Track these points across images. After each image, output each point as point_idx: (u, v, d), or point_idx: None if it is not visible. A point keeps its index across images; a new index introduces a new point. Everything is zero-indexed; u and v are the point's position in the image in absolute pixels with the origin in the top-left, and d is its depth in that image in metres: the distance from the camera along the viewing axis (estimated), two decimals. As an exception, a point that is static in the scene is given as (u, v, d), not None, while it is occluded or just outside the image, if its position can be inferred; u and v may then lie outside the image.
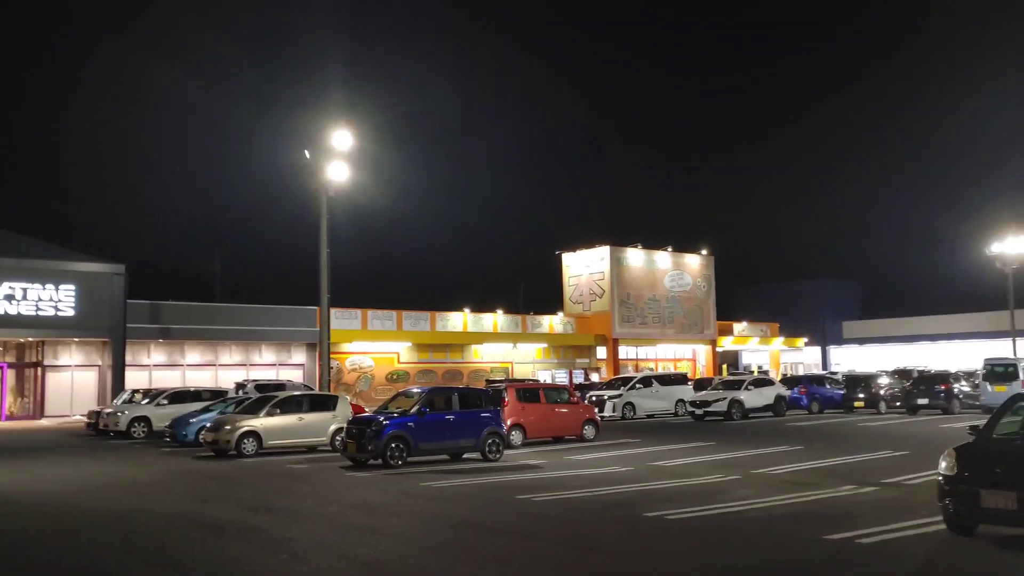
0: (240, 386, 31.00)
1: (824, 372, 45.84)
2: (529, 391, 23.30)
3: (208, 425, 21.66)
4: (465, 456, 18.94)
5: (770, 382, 33.26)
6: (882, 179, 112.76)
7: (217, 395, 28.23)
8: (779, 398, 31.61)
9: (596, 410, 25.40)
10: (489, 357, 47.68)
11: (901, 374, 37.99)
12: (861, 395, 32.30)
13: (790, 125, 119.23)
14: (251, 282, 64.56)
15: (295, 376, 39.74)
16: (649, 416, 33.07)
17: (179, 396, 28.23)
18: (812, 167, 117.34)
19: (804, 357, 67.94)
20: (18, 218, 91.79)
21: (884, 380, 33.34)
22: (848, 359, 66.28)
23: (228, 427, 20.56)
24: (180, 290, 44.08)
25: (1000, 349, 48.83)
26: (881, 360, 60.57)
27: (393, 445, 17.53)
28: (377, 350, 43.95)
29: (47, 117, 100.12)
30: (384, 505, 12.55)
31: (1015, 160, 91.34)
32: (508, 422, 20.72)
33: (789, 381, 34.99)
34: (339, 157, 28.27)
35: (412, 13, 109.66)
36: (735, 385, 31.73)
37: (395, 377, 44.27)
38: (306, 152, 28.40)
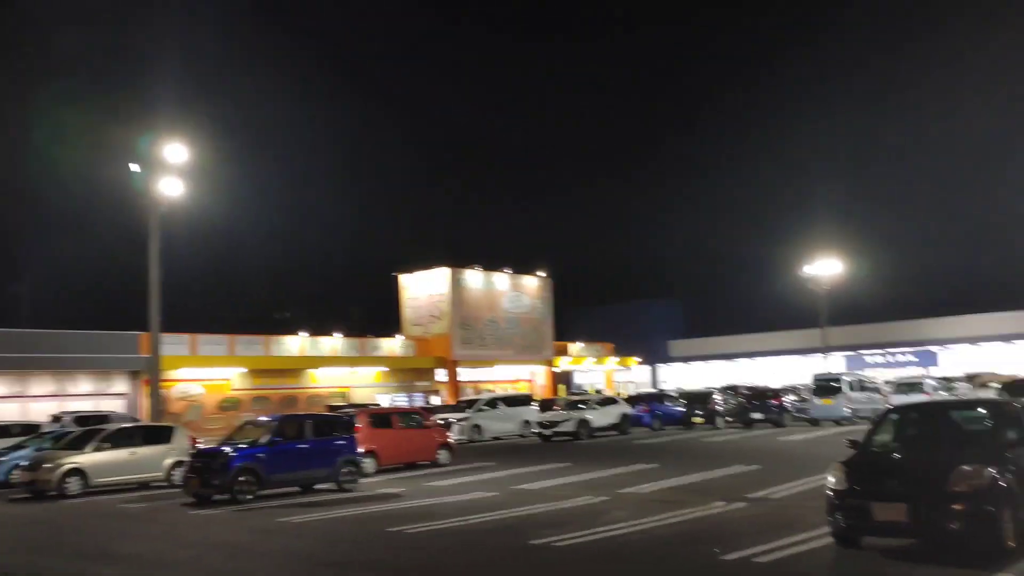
0: (56, 419, 28.35)
1: (664, 390, 47.23)
2: (381, 416, 22.51)
3: (24, 464, 19.53)
4: (316, 487, 17.94)
5: (615, 401, 33.79)
6: (708, 205, 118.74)
7: (30, 430, 25.62)
8: (624, 416, 32.13)
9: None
10: (327, 382, 46.10)
11: (731, 390, 39.60)
12: (700, 411, 33.36)
13: (623, 154, 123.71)
14: (67, 307, 59.77)
15: (116, 407, 36.82)
16: (495, 438, 32.77)
17: (-16, 432, 25.38)
18: (645, 193, 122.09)
19: (634, 376, 70.01)
20: None
21: (720, 396, 34.58)
22: (675, 377, 68.86)
23: (49, 465, 18.61)
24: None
25: (813, 365, 52.07)
26: (705, 376, 63.30)
27: (242, 478, 16.34)
28: (207, 377, 41.52)
29: None
30: (246, 545, 11.52)
31: (826, 189, 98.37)
32: (361, 449, 19.81)
33: (632, 400, 35.69)
34: (172, 172, 26.54)
35: (247, 30, 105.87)
36: (582, 405, 31.99)
37: (227, 405, 41.93)
38: (134, 166, 26.50)
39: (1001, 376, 34.28)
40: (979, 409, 10.57)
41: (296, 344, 45.38)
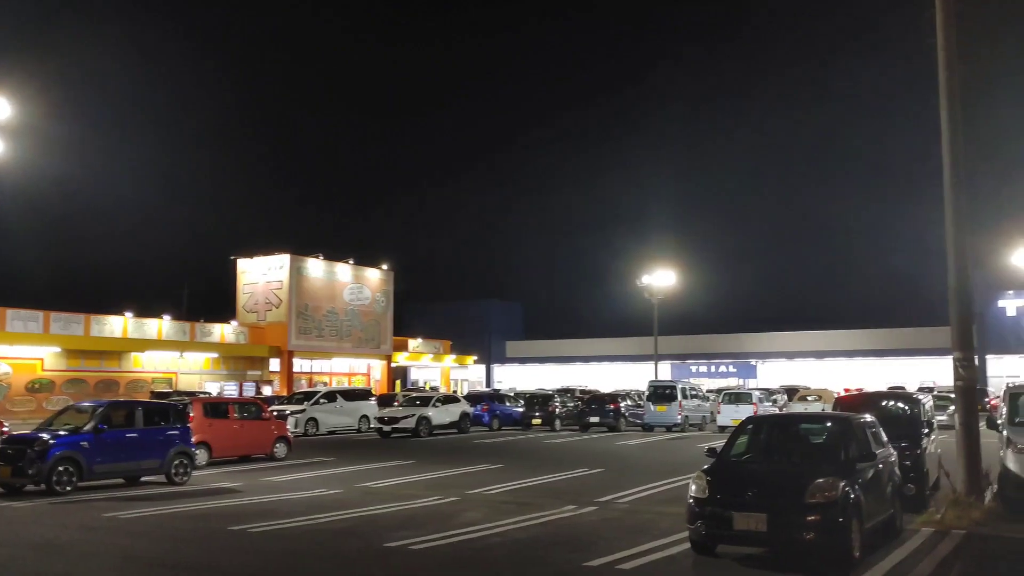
0: None
1: (499, 390, 47.49)
2: (218, 406, 21.32)
3: None
4: (144, 480, 16.77)
5: (456, 399, 33.61)
6: (553, 212, 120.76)
7: None
8: (464, 415, 32.01)
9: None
10: (152, 366, 43.62)
11: (567, 393, 40.30)
12: (538, 413, 33.70)
13: (473, 156, 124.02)
14: None
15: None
16: (331, 432, 31.87)
17: None
18: (492, 196, 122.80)
19: (469, 374, 70.32)
20: None
21: (558, 399, 35.06)
22: (510, 377, 69.61)
23: None
24: None
25: (644, 371, 53.90)
26: (540, 378, 64.36)
27: (61, 468, 15.00)
28: (16, 355, 38.35)
29: None
30: (70, 545, 10.50)
31: (663, 204, 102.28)
32: (193, 439, 18.69)
33: (472, 398, 35.63)
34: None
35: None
36: (423, 402, 31.63)
37: (37, 387, 38.91)
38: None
39: (813, 390, 36.57)
40: (828, 423, 11.02)
41: (119, 325, 42.64)
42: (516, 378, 67.97)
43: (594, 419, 32.53)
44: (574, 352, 69.59)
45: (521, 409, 34.71)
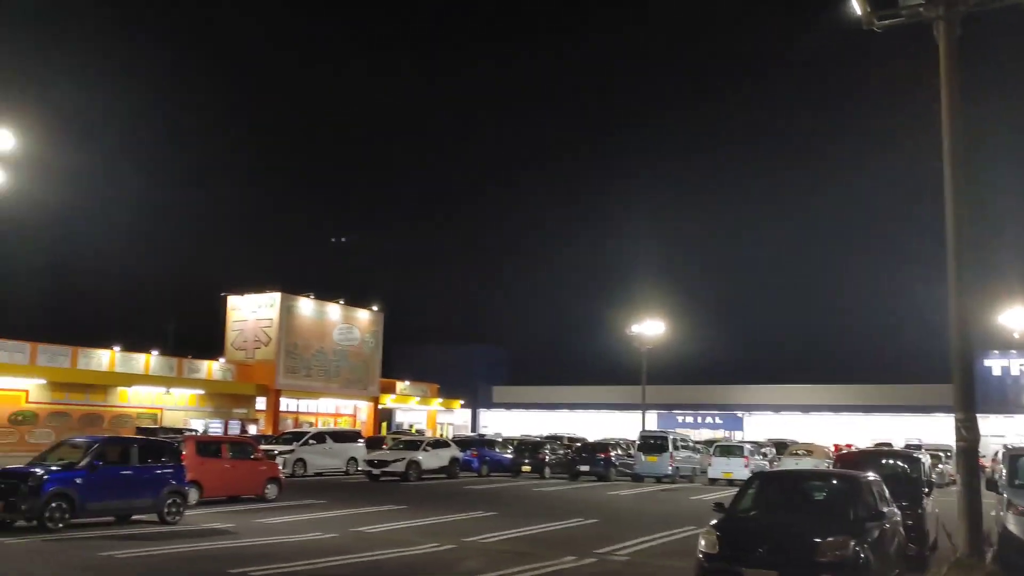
0: None
1: (485, 434, 47.24)
2: (210, 444, 21.16)
3: None
4: (135, 518, 16.57)
5: (446, 444, 33.43)
6: (544, 259, 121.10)
7: None
8: (454, 460, 31.82)
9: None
10: (138, 401, 43.19)
11: (555, 440, 40.12)
12: (528, 460, 33.54)
13: (464, 203, 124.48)
14: None
15: None
16: (319, 474, 31.58)
17: None
18: (481, 240, 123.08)
19: (455, 418, 69.90)
20: None
21: (548, 447, 34.90)
22: (496, 422, 69.29)
23: None
24: None
25: (630, 420, 53.80)
26: (525, 424, 64.11)
27: (55, 504, 14.82)
28: (0, 386, 37.93)
29: None
30: (69, 584, 10.37)
31: (653, 254, 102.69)
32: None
33: (461, 443, 35.44)
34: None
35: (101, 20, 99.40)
36: (413, 445, 31.44)
37: (20, 419, 38.40)
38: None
39: (802, 445, 36.54)
40: (835, 481, 11.07)
41: (107, 358, 42.30)
42: (502, 423, 67.65)
43: (584, 468, 32.40)
44: (560, 399, 69.43)
45: (510, 455, 34.54)
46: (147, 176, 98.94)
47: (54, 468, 15.49)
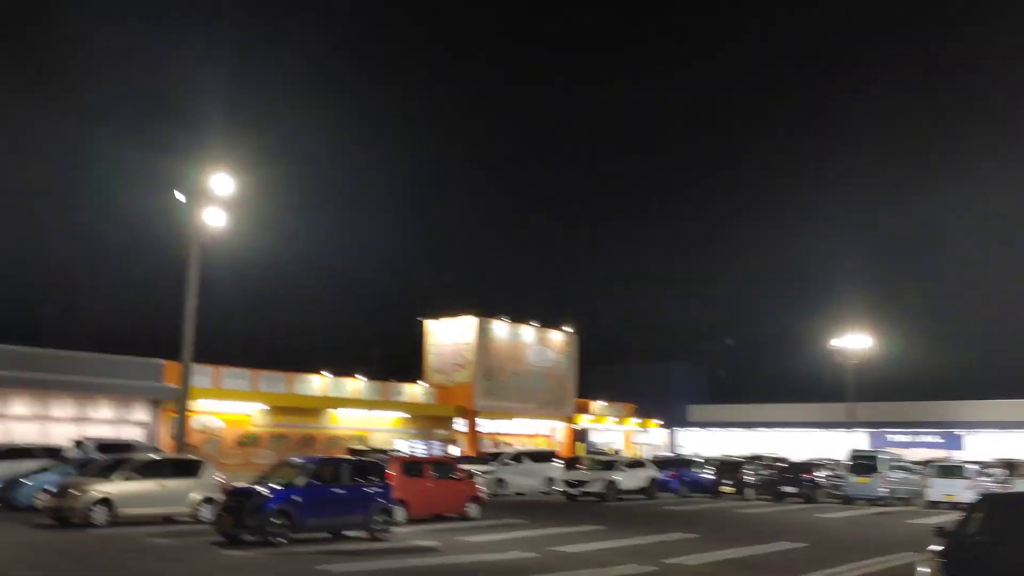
0: (78, 444, 27.95)
1: (683, 454, 46.40)
2: (414, 464, 22.00)
3: (51, 489, 19.08)
4: (347, 534, 17.42)
5: (642, 464, 33.08)
6: (739, 272, 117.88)
7: (51, 453, 25.24)
8: (652, 480, 31.43)
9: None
10: (347, 424, 45.56)
11: (757, 460, 38.73)
12: (729, 480, 32.57)
13: (657, 218, 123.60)
14: (99, 332, 59.50)
15: (135, 435, 36.40)
16: (518, 494, 32.07)
17: (7, 453, 25.01)
18: (676, 256, 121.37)
19: (650, 438, 68.98)
20: None
21: (750, 467, 33.76)
22: (693, 442, 67.77)
23: (76, 492, 18.17)
24: (9, 334, 39.83)
25: (836, 439, 51.11)
26: (724, 444, 62.29)
27: (277, 520, 15.85)
28: (228, 411, 41.07)
29: None
30: (291, 595, 11.02)
31: (857, 264, 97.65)
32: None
33: (658, 463, 34.93)
34: (216, 203, 26.50)
35: (299, 59, 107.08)
36: (610, 465, 31.33)
37: (246, 441, 41.43)
38: (178, 193, 26.48)
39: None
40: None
41: (319, 383, 44.96)
42: (699, 443, 66.10)
43: (789, 489, 31.05)
44: (760, 417, 66.98)
45: (710, 476, 33.69)
46: (347, 210, 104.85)
47: (275, 486, 16.58)
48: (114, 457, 20.95)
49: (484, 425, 51.30)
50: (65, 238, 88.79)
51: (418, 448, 46.66)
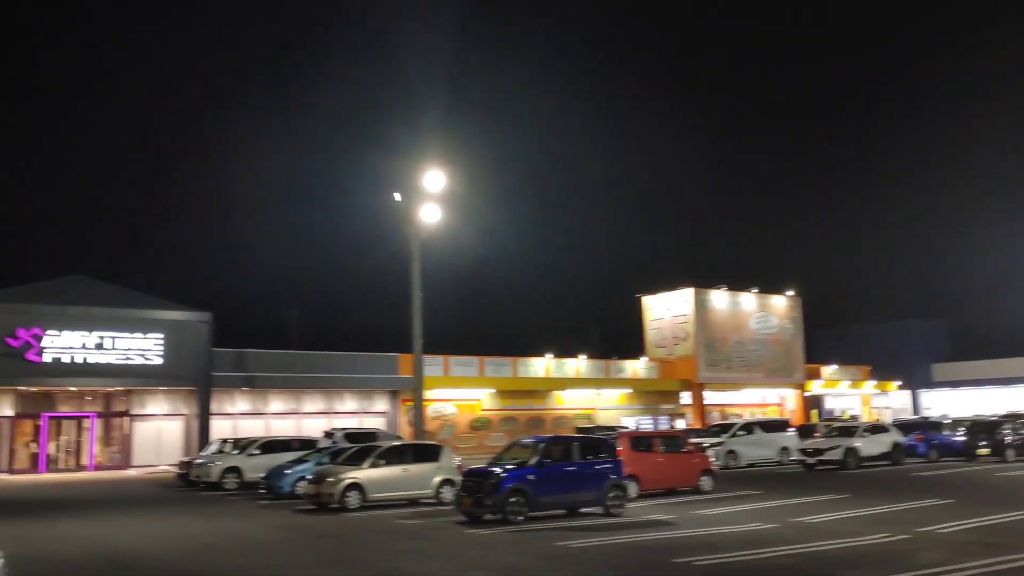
0: (329, 435, 30.17)
1: (929, 417, 43.42)
2: (643, 440, 21.99)
3: (308, 477, 20.75)
4: (581, 511, 17.69)
5: (885, 429, 31.25)
6: (974, 214, 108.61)
7: (307, 445, 27.41)
8: (896, 446, 29.67)
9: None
10: (571, 403, 46.35)
11: (1016, 419, 35.52)
12: (985, 442, 30.12)
13: (878, 164, 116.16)
14: (329, 330, 64.12)
15: (377, 424, 38.88)
16: (751, 465, 31.31)
17: (270, 446, 27.45)
18: (903, 205, 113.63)
19: (891, 401, 65.04)
20: (107, 266, 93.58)
21: (1009, 427, 31.00)
22: (938, 403, 63.22)
23: (331, 479, 19.62)
24: (259, 338, 43.59)
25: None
26: (974, 404, 57.63)
27: (513, 499, 16.36)
28: (459, 397, 42.95)
29: (137, 169, 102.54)
30: (532, 571, 11.36)
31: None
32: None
33: (902, 427, 32.88)
34: (431, 199, 27.62)
35: (509, 48, 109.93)
36: (848, 432, 29.87)
37: (478, 425, 43.17)
38: (396, 195, 27.84)
39: None
40: None
41: (542, 365, 45.95)
42: (946, 404, 61.55)
43: (1059, 448, 28.29)
44: (1013, 372, 61.37)
45: (962, 438, 31.31)
46: (555, 194, 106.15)
47: (509, 467, 17.11)
48: (361, 446, 22.39)
49: (710, 397, 50.46)
50: (303, 240, 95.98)
51: (645, 423, 46.70)
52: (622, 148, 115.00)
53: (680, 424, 47.63)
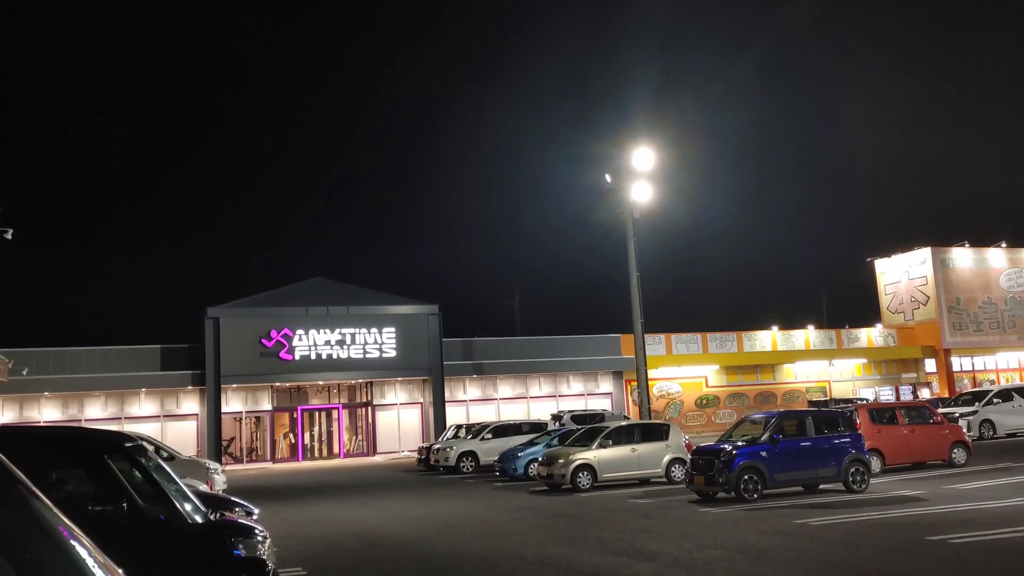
0: (556, 418, 30.75)
1: None
2: (884, 411, 20.77)
3: (539, 459, 21.28)
4: (821, 487, 16.98)
5: None
6: None
7: (536, 428, 28.10)
8: None
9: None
10: (802, 376, 44.55)
11: None
12: None
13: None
14: (546, 314, 65.45)
15: (602, 405, 39.18)
16: (1010, 435, 28.77)
17: (501, 430, 28.39)
18: None
19: None
20: (342, 265, 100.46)
21: None
22: None
23: (562, 460, 20.01)
24: (484, 326, 45.14)
25: None
26: None
27: (746, 477, 16.00)
28: (683, 375, 42.45)
29: (370, 176, 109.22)
30: (771, 549, 11.04)
31: None
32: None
33: None
34: (642, 177, 27.44)
35: (724, 27, 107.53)
36: None
37: (704, 402, 42.48)
38: (607, 176, 27.89)
39: None
40: None
41: (768, 339, 44.47)
42: None
43: None
44: None
45: None
46: (760, 170, 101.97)
47: (740, 444, 16.73)
48: (588, 427, 22.68)
49: (958, 363, 46.82)
50: (519, 230, 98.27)
51: (885, 394, 44.06)
52: (846, 109, 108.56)
53: (925, 394, 44.52)
